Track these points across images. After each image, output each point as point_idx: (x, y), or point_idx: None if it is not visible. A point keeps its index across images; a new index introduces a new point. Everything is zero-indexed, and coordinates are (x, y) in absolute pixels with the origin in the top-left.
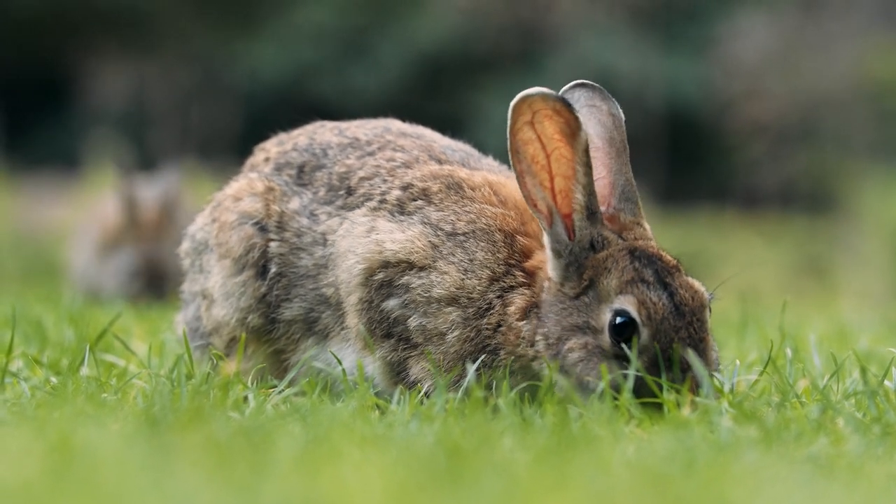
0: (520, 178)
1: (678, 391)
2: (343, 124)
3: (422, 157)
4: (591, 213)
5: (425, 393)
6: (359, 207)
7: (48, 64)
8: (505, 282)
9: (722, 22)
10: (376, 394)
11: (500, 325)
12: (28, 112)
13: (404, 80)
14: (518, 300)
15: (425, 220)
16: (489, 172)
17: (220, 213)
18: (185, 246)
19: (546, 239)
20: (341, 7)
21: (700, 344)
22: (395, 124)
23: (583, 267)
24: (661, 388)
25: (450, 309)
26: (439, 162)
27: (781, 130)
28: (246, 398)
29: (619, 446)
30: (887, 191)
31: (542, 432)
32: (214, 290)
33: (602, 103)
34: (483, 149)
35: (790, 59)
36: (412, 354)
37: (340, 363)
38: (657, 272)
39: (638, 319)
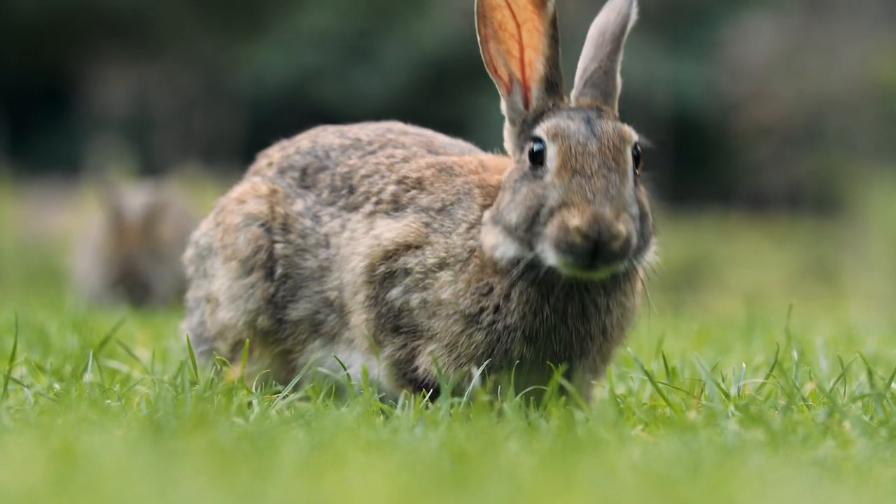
0: (483, 43)
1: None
2: (345, 127)
3: (420, 152)
4: (551, 85)
5: (432, 387)
6: (359, 208)
7: (51, 70)
8: (481, 219)
9: (727, 24)
10: (381, 399)
11: (476, 251)
12: (31, 118)
13: (408, 84)
14: (485, 214)
15: (418, 208)
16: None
17: (224, 217)
18: (190, 253)
19: (503, 105)
20: (344, 11)
21: (614, 167)
22: (398, 125)
23: (532, 133)
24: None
25: (441, 273)
26: (437, 155)
27: (787, 133)
28: (250, 404)
29: (624, 450)
30: (894, 193)
31: (548, 436)
32: (220, 293)
33: (622, 3)
34: (487, 151)
35: (796, 61)
36: (419, 345)
37: (346, 368)
38: (588, 116)
39: (545, 137)
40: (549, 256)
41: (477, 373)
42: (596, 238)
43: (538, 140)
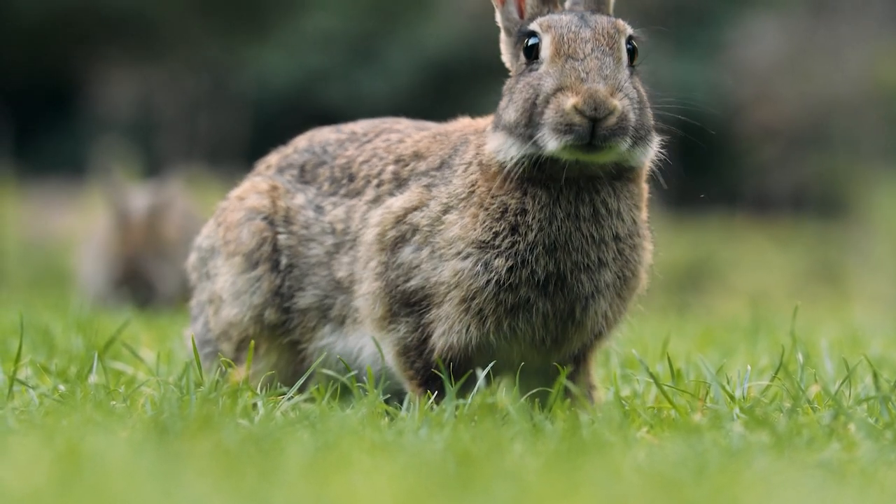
0: None
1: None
2: (340, 125)
3: (413, 133)
4: None
5: (444, 372)
6: (361, 194)
7: (56, 72)
8: (477, 155)
9: (732, 26)
10: (386, 400)
11: (478, 182)
12: (36, 120)
13: (413, 86)
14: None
15: (419, 174)
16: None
17: (225, 216)
18: (192, 259)
19: (497, 17)
20: (349, 13)
21: (608, 51)
22: (391, 118)
23: (526, 29)
24: None
25: (446, 216)
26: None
27: (792, 135)
28: (255, 405)
29: (629, 452)
30: None
31: (553, 438)
32: (223, 290)
33: None
34: None
35: (801, 63)
36: (431, 320)
37: (350, 370)
38: (581, 12)
39: (538, 30)
40: (549, 141)
41: (482, 374)
42: (592, 114)
43: (533, 34)
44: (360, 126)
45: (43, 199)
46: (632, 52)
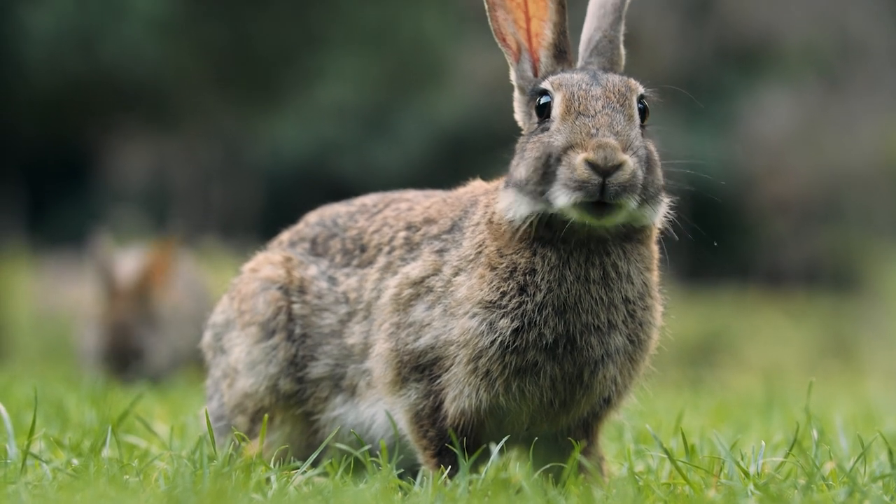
0: (491, 12)
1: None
2: (350, 199)
3: (423, 200)
4: (560, 51)
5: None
6: (374, 262)
7: (70, 143)
8: (485, 215)
9: (744, 99)
10: (400, 475)
11: (486, 242)
12: (50, 191)
13: (426, 157)
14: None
15: (430, 238)
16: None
17: (239, 288)
18: (207, 338)
19: (512, 74)
20: (362, 85)
21: (619, 109)
22: (399, 191)
23: (538, 87)
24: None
25: (456, 278)
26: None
27: (805, 208)
28: (268, 479)
29: None
30: None
31: None
32: (239, 361)
33: None
34: None
35: (813, 136)
36: (442, 386)
37: (364, 444)
38: (594, 71)
39: (550, 88)
40: (559, 197)
41: (496, 449)
42: (602, 165)
43: (545, 93)
44: (370, 198)
45: (56, 270)
46: (643, 111)
